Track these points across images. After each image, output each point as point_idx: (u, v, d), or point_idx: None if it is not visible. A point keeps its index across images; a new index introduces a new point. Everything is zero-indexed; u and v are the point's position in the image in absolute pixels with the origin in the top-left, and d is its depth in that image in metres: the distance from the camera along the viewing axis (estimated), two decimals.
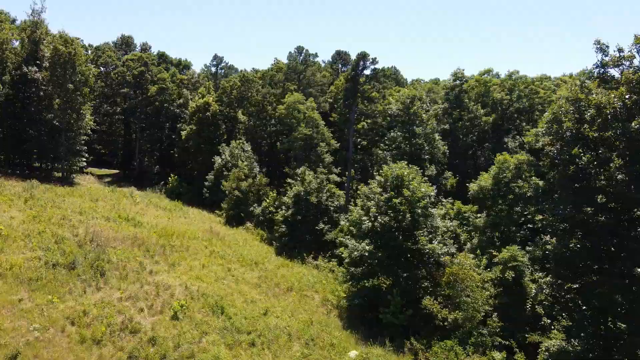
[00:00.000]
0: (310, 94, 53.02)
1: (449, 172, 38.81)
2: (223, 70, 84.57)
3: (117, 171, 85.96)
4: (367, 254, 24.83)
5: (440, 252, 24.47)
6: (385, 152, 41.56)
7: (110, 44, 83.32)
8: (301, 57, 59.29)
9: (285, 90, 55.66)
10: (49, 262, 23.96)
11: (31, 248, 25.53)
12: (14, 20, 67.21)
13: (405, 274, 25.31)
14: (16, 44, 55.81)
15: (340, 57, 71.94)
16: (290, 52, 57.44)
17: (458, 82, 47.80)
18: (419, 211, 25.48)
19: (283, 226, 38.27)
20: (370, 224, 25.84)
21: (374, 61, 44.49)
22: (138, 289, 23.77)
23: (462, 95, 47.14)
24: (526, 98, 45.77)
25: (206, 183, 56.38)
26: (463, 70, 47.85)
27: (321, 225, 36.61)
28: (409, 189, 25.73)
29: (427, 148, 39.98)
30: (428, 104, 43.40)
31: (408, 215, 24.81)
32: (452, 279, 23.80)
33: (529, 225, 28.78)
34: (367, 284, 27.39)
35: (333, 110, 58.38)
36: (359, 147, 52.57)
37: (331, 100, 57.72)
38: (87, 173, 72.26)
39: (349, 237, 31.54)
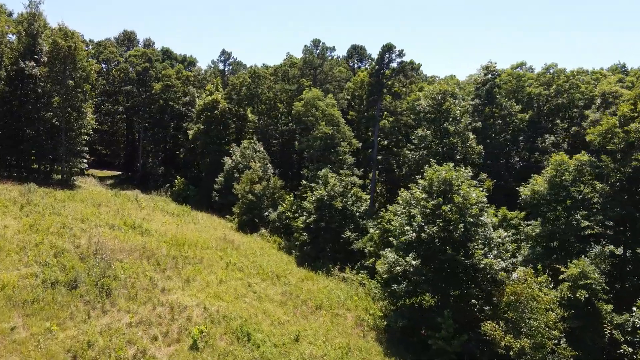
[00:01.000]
0: (327, 91, 50.05)
1: (482, 173, 35.74)
2: (231, 67, 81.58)
3: (120, 173, 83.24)
4: (412, 269, 21.74)
5: (498, 268, 21.38)
6: (413, 152, 38.50)
7: (112, 39, 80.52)
8: (317, 51, 56.23)
9: (300, 86, 52.68)
10: (47, 280, 21.02)
11: (27, 263, 22.60)
12: (10, 14, 64.45)
13: (456, 292, 22.25)
14: (13, 38, 53.01)
15: (356, 51, 68.86)
16: (305, 46, 54.53)
17: (490, 76, 44.66)
18: (471, 220, 22.40)
19: (304, 234, 35.24)
20: (414, 234, 22.76)
21: (401, 53, 41.33)
22: (150, 312, 20.79)
23: (494, 91, 43.98)
24: (566, 93, 42.60)
25: (215, 186, 53.45)
26: (495, 63, 44.76)
27: (347, 233, 33.56)
28: (459, 194, 22.66)
29: (460, 147, 36.90)
30: (461, 100, 40.35)
31: (460, 225, 21.73)
32: (514, 299, 20.70)
33: (587, 233, 25.67)
34: (407, 302, 24.36)
35: (350, 108, 55.39)
36: (379, 146, 49.49)
37: (348, 97, 54.64)
38: (88, 175, 69.53)
39: (385, 247, 28.52)
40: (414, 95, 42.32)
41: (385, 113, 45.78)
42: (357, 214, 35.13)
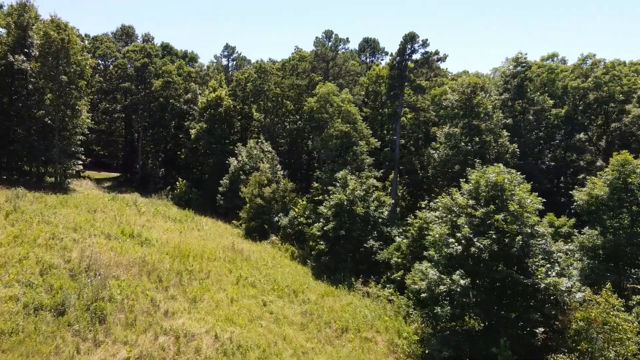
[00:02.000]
0: (340, 86, 46.91)
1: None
2: (235, 62, 78.39)
3: (119, 174, 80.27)
4: (459, 290, 18.59)
5: (563, 288, 18.21)
6: (438, 151, 35.36)
7: (110, 34, 77.50)
8: (330, 43, 53.00)
9: (312, 81, 49.53)
10: (30, 305, 17.98)
11: (7, 283, 19.54)
12: (0, 6, 61.40)
13: (511, 316, 19.10)
14: (2, 31, 49.99)
15: (368, 45, 65.65)
16: (317, 38, 51.19)
17: (520, 68, 41.42)
18: (529, 231, 19.24)
19: (321, 242, 32.10)
20: (459, 247, 19.60)
21: (425, 43, 38.02)
22: (151, 343, 17.70)
23: (525, 84, 40.72)
24: (606, 86, 39.36)
25: (220, 188, 50.38)
26: (525, 54, 41.42)
27: (370, 242, 30.39)
28: (513, 200, 19.49)
29: (493, 146, 33.69)
30: (492, 94, 37.22)
31: (518, 238, 18.55)
32: (586, 326, 17.53)
33: None
34: (450, 325, 21.21)
35: (364, 105, 52.16)
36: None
37: (362, 93, 51.39)
38: (84, 177, 66.58)
39: (415, 259, 25.39)
40: (436, 90, 39.16)
41: (404, 109, 42.57)
42: (380, 220, 31.97)
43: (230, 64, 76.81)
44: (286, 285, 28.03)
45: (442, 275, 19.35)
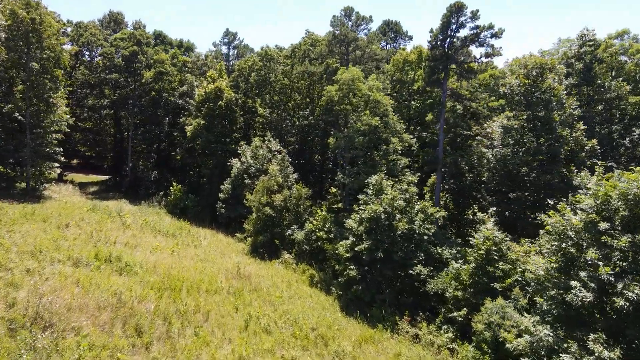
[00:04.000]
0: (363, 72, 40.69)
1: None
2: (237, 51, 72.00)
3: (108, 177, 74.15)
4: (597, 354, 12.19)
5: None
6: (493, 149, 29.08)
7: (96, 22, 71.30)
8: (350, 23, 46.52)
9: (328, 67, 43.18)
10: None
11: None
12: None
13: None
14: None
15: (389, 28, 59.30)
16: (334, 17, 44.50)
17: (586, 48, 35.00)
18: None
19: (351, 267, 25.68)
20: (589, 295, 13.18)
21: (475, 15, 31.36)
22: None
23: (595, 68, 34.25)
24: None
25: (221, 195, 44.13)
26: (593, 31, 34.85)
27: (417, 268, 23.99)
28: None
29: (568, 143, 27.32)
30: (563, 78, 30.85)
31: None
32: None
33: None
34: None
35: (389, 96, 45.67)
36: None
37: (387, 82, 44.93)
38: (67, 181, 60.33)
39: (481, 292, 19.14)
40: (486, 74, 32.95)
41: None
42: (426, 237, 25.58)
43: (231, 53, 70.49)
44: (311, 328, 21.70)
45: (568, 340, 12.90)
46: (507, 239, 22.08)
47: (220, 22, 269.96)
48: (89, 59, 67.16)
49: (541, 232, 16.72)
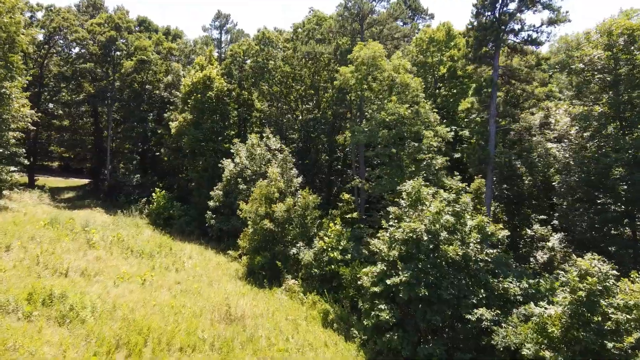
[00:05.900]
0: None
1: None
2: (230, 36, 65.41)
3: (88, 181, 67.75)
4: None
5: None
6: (561, 145, 22.74)
7: (73, 7, 64.79)
8: None
9: (338, 47, 36.64)
10: None
11: None
12: None
13: None
14: None
15: (406, 5, 52.84)
16: None
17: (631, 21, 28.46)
18: None
19: (382, 306, 19.19)
20: None
21: None
22: None
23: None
24: None
25: (211, 203, 37.68)
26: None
27: (478, 312, 17.52)
28: None
29: None
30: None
31: None
32: None
33: None
34: None
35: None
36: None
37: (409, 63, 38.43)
38: (37, 186, 53.97)
39: (578, 351, 12.82)
40: (565, 39, 26.46)
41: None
42: (482, 264, 19.15)
43: (223, 38, 63.92)
44: None
45: None
46: (612, 271, 15.68)
47: (212, 8, 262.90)
48: (63, 48, 60.65)
49: None
